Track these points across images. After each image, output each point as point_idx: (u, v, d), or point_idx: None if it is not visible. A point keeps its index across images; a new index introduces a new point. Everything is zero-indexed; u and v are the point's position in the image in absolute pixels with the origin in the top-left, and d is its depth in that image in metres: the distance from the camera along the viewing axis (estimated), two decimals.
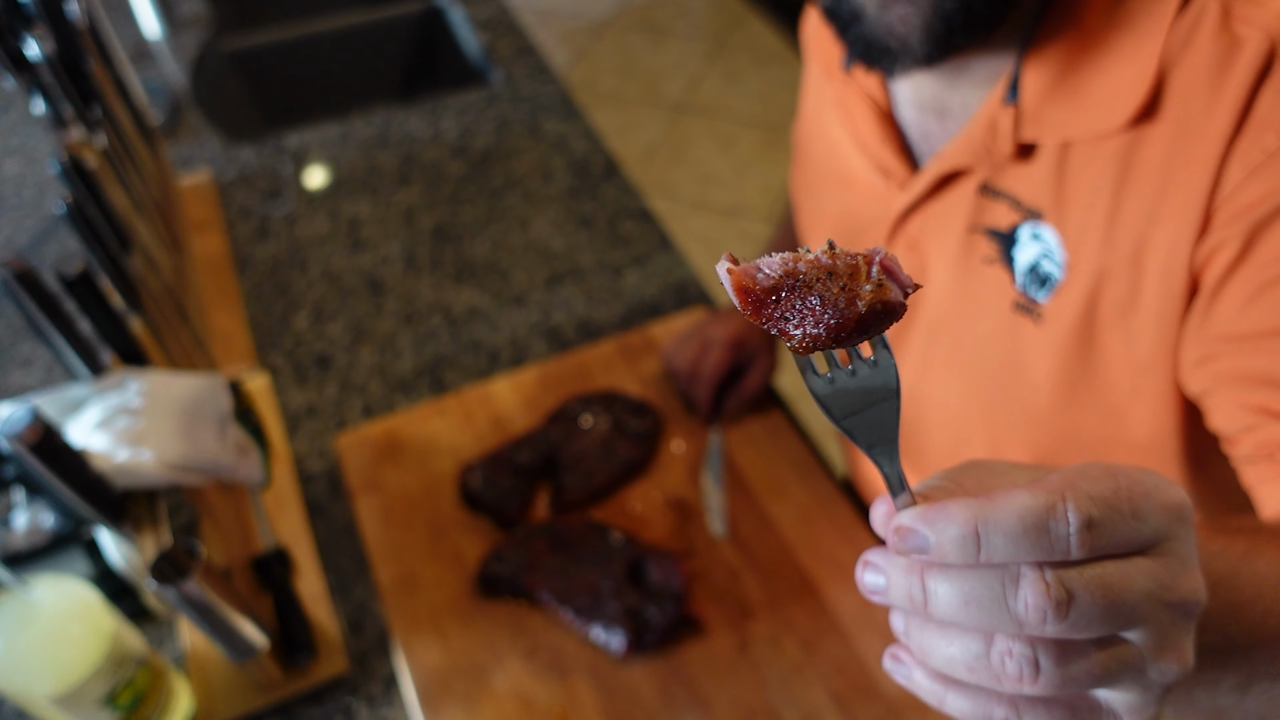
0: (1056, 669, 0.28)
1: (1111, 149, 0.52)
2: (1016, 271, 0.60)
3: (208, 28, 1.69)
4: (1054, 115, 0.54)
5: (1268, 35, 0.47)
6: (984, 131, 0.57)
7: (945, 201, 0.63)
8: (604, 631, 0.81)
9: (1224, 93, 0.48)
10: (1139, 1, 0.51)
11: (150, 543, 0.65)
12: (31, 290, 0.63)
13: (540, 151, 1.41)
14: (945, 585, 0.29)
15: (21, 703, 0.68)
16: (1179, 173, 0.50)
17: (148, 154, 1.13)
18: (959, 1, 0.49)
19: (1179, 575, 0.30)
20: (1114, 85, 0.51)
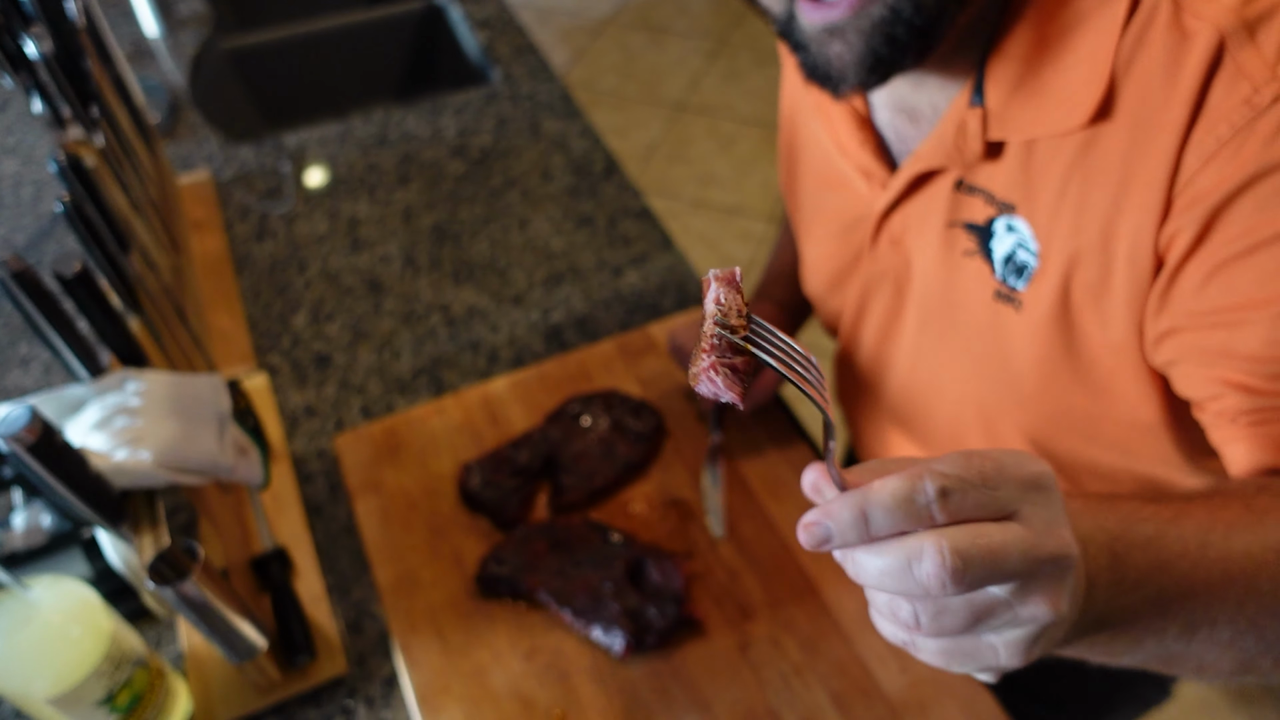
0: (933, 620, 0.36)
1: (1074, 143, 0.55)
2: (995, 262, 0.63)
3: (206, 27, 1.69)
4: (1018, 115, 0.56)
5: (1216, 28, 0.48)
6: (954, 133, 0.60)
7: (923, 199, 0.66)
8: (604, 632, 0.81)
9: (1178, 86, 0.50)
10: (1091, 5, 0.53)
11: (149, 543, 0.65)
12: (30, 290, 0.63)
13: (540, 151, 1.40)
14: (867, 559, 0.37)
15: (19, 704, 0.68)
16: (1139, 164, 0.52)
17: (146, 153, 1.13)
18: (884, 37, 0.53)
19: (1043, 535, 0.36)
20: (1071, 86, 0.54)
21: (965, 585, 0.34)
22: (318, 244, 1.27)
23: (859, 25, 0.53)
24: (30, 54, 0.84)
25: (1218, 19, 0.48)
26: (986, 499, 0.36)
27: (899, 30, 0.52)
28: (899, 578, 0.35)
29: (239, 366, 1.10)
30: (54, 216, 1.33)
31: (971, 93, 0.58)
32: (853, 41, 0.53)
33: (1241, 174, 0.48)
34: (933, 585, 0.34)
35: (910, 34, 0.52)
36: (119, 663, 0.70)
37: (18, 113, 1.54)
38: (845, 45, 0.53)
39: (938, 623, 0.36)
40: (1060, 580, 0.37)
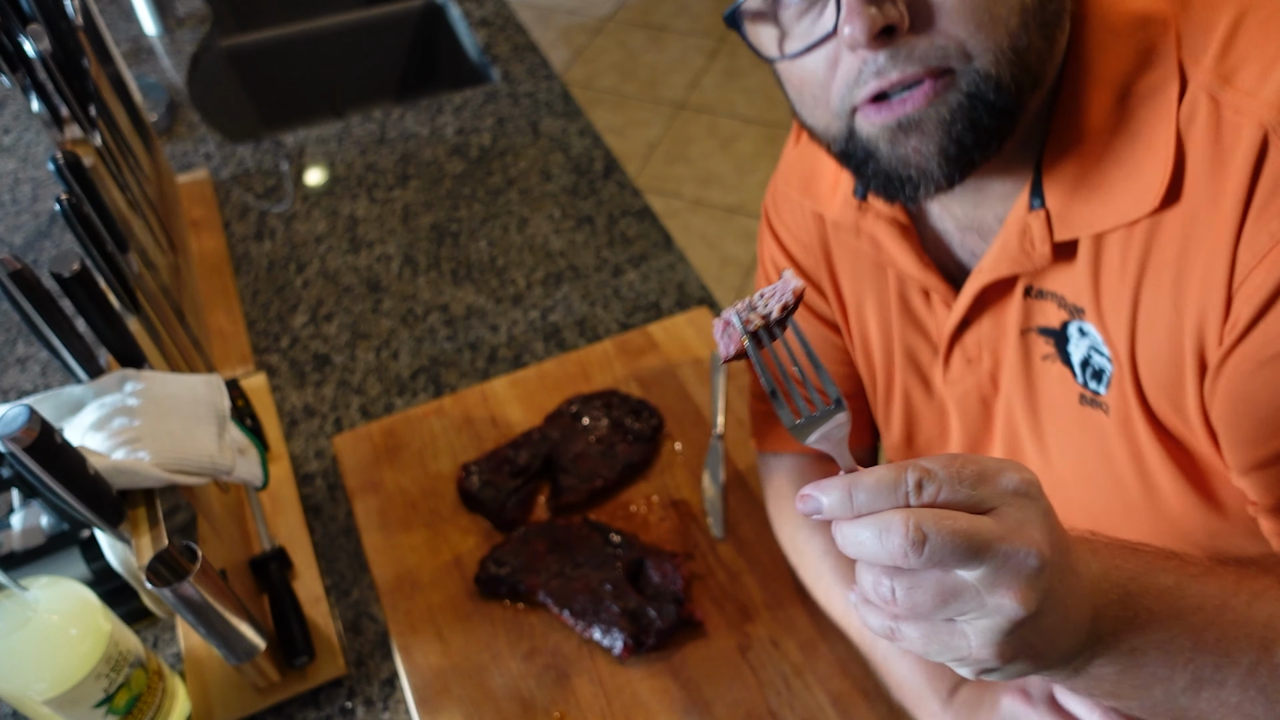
0: (906, 595, 0.39)
1: (1139, 237, 0.54)
2: (1074, 367, 0.61)
3: (205, 26, 1.68)
4: (1082, 211, 0.55)
5: (1259, 124, 0.48)
6: (1018, 239, 0.58)
7: (995, 311, 0.63)
8: (603, 633, 0.81)
9: (1227, 180, 0.49)
10: (1142, 95, 0.52)
11: (147, 544, 0.65)
12: (28, 290, 0.63)
13: (539, 150, 1.40)
14: (849, 529, 0.40)
15: (17, 705, 0.68)
16: (1195, 259, 0.51)
17: (144, 153, 1.13)
18: (968, 122, 0.51)
19: (1012, 530, 0.39)
20: (1136, 173, 0.52)
21: (927, 558, 0.38)
22: (316, 244, 1.27)
23: (937, 115, 0.50)
24: (28, 53, 0.84)
25: (1260, 114, 0.48)
26: (963, 495, 0.39)
27: (980, 114, 0.50)
28: (872, 546, 0.39)
29: (237, 366, 1.10)
30: (52, 216, 1.33)
31: (1030, 196, 0.57)
32: (931, 133, 0.51)
33: None
34: (897, 554, 0.38)
35: (992, 117, 0.50)
36: (117, 664, 0.69)
37: (15, 112, 1.54)
38: (923, 139, 0.51)
39: (910, 598, 0.39)
40: (1028, 578, 0.39)
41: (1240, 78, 0.49)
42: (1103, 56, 0.53)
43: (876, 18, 0.48)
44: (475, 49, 1.66)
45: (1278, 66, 0.48)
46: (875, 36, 0.48)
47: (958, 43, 0.49)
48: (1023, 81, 0.51)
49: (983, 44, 0.49)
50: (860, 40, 0.48)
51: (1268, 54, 0.49)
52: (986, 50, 0.49)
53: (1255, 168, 0.48)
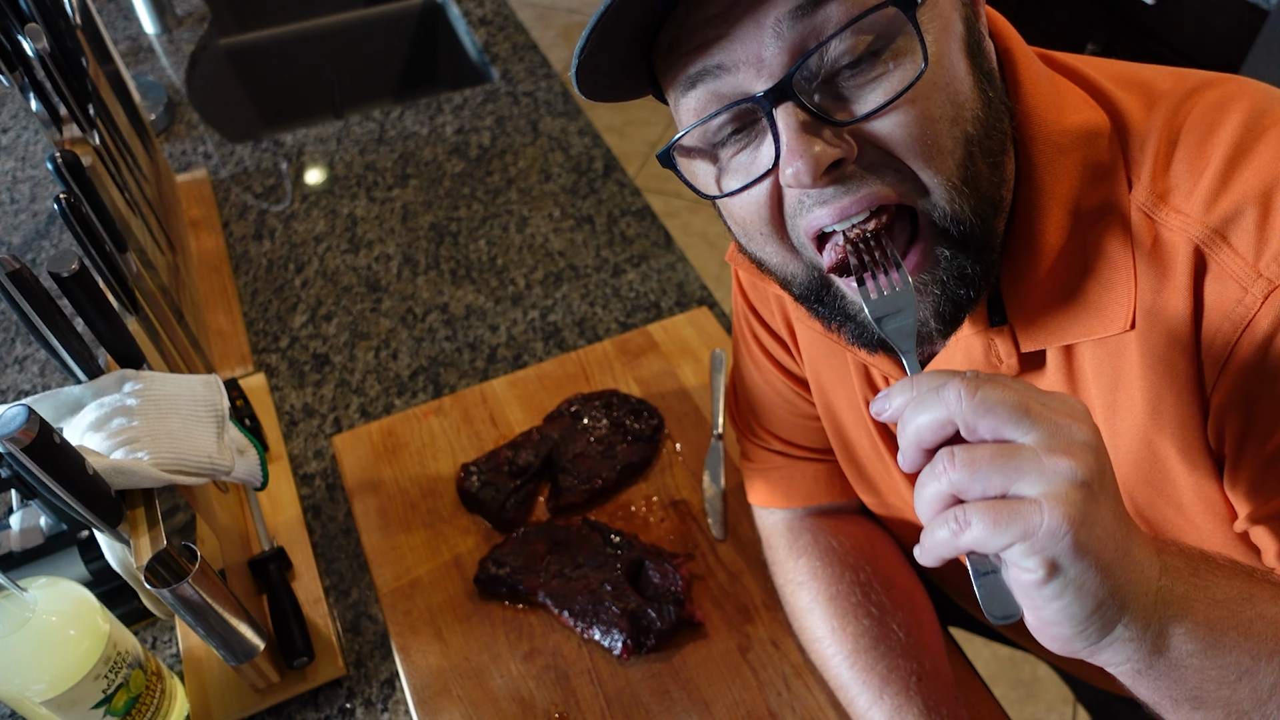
0: (965, 454, 0.40)
1: (1108, 344, 0.54)
2: None
3: (204, 25, 1.68)
4: (1048, 324, 0.55)
5: (1191, 240, 0.49)
6: (984, 354, 0.58)
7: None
8: (603, 634, 0.81)
9: (1173, 296, 0.50)
10: (1095, 212, 0.52)
11: (146, 544, 0.64)
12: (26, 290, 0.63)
13: (539, 149, 1.40)
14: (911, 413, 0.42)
15: (16, 706, 0.67)
16: (1163, 370, 0.52)
17: (143, 152, 1.13)
18: (960, 281, 0.51)
19: (1060, 412, 0.40)
20: (1102, 291, 0.53)
21: (979, 402, 0.39)
22: (316, 243, 1.26)
23: (926, 281, 0.50)
24: (27, 52, 0.84)
25: (1188, 230, 0.49)
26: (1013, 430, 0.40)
27: (963, 291, 0.51)
28: (931, 405, 0.41)
29: (236, 366, 1.10)
30: (50, 215, 1.33)
31: (988, 312, 0.57)
32: (929, 297, 0.51)
33: (1254, 376, 0.49)
34: (951, 399, 0.40)
35: (973, 281, 0.50)
36: (116, 664, 0.69)
37: (14, 111, 1.54)
38: (924, 300, 0.51)
39: (970, 455, 0.40)
40: (1081, 446, 0.40)
41: (1174, 197, 0.50)
42: (1051, 175, 0.52)
43: (822, 156, 0.45)
44: (475, 48, 1.66)
45: (1201, 182, 0.49)
46: (821, 174, 0.46)
47: (909, 174, 0.48)
48: (984, 211, 0.50)
49: (933, 176, 0.48)
50: (805, 181, 0.46)
51: (1195, 168, 0.50)
52: (938, 185, 0.48)
53: (1196, 283, 0.49)
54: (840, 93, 0.47)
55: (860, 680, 0.72)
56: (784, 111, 0.46)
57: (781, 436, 0.81)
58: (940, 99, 0.47)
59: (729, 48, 0.46)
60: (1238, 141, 0.49)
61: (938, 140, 0.47)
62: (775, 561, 0.82)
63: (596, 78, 0.51)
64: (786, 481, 0.81)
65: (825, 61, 0.46)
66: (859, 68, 0.46)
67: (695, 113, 0.49)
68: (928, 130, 0.46)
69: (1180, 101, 0.52)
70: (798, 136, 0.45)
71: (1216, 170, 0.49)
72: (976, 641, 0.97)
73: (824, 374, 0.73)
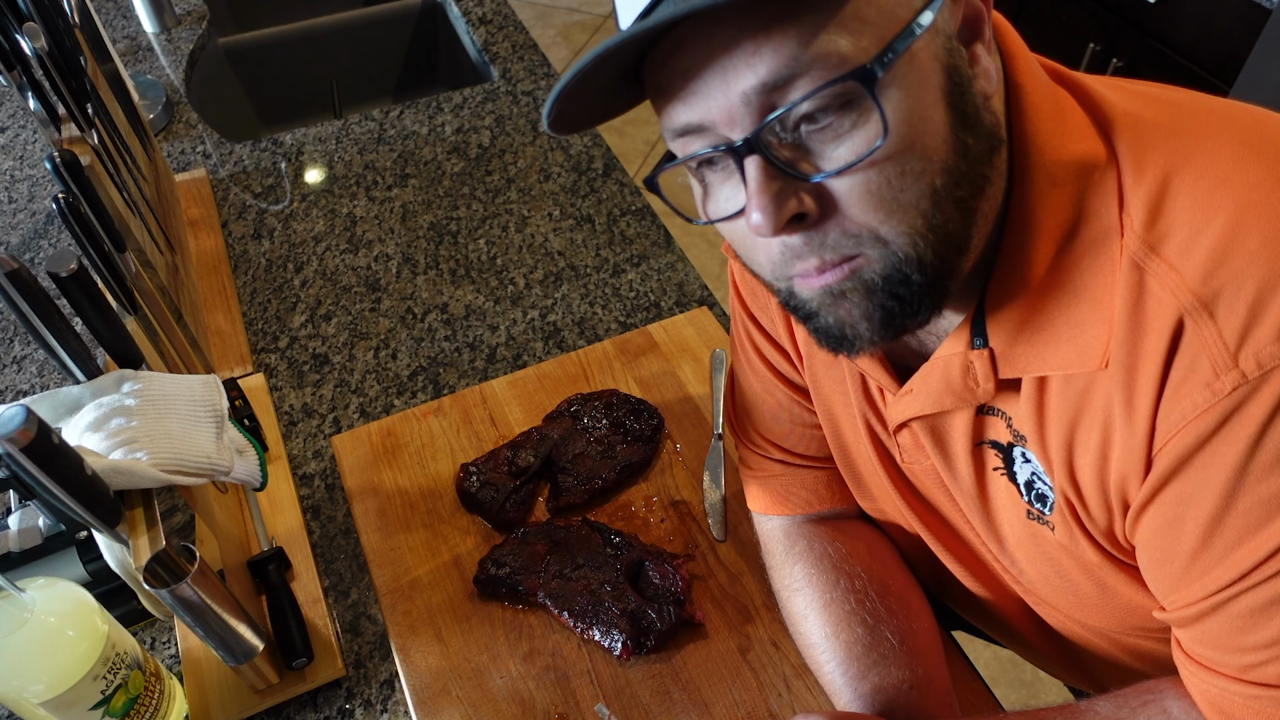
0: None
1: (1075, 382, 0.54)
2: (1020, 486, 0.61)
3: (203, 24, 1.68)
4: (1026, 353, 0.55)
5: (1177, 308, 0.48)
6: (961, 375, 0.58)
7: (937, 420, 0.64)
8: (603, 634, 0.81)
9: (1145, 354, 0.49)
10: (1083, 248, 0.52)
11: (145, 545, 0.64)
12: (25, 290, 0.62)
13: (538, 149, 1.40)
14: None
15: (14, 707, 0.67)
16: (1123, 417, 0.52)
17: (142, 152, 1.13)
18: (889, 294, 0.51)
19: None
20: (1080, 329, 0.52)
21: None
22: (315, 243, 1.26)
23: (858, 286, 0.51)
24: (25, 51, 0.84)
25: (1179, 295, 0.47)
26: None
27: (903, 290, 0.50)
28: None
29: (235, 366, 1.09)
30: (49, 215, 1.33)
31: (971, 335, 0.57)
32: (858, 301, 0.51)
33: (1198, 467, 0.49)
34: None
35: (914, 291, 0.50)
36: (114, 665, 0.69)
37: (12, 110, 1.53)
38: (852, 305, 0.52)
39: None
40: None
41: (1167, 248, 0.48)
42: (1042, 207, 0.52)
43: (782, 212, 0.47)
44: (474, 47, 1.66)
45: (1201, 240, 0.47)
46: (782, 227, 0.48)
47: (871, 230, 0.48)
48: (946, 254, 0.50)
49: (895, 229, 0.48)
50: (765, 232, 0.48)
51: (1195, 222, 0.47)
52: (901, 234, 0.49)
53: (1170, 348, 0.48)
54: (807, 147, 0.48)
55: (853, 688, 0.72)
56: (751, 163, 0.48)
57: (780, 445, 0.81)
58: (904, 157, 0.47)
59: (703, 105, 0.48)
60: (1245, 206, 0.47)
61: (899, 197, 0.48)
62: (772, 567, 0.82)
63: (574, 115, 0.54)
64: (785, 490, 0.81)
65: (792, 119, 0.47)
66: (826, 126, 0.47)
67: (677, 148, 0.52)
68: (887, 190, 0.47)
69: (1179, 135, 0.50)
70: (761, 190, 0.47)
71: (1219, 235, 0.47)
72: (977, 643, 0.97)
73: (823, 380, 0.73)
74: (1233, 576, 0.49)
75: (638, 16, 0.48)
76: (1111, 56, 2.02)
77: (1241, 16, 1.73)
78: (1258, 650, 0.49)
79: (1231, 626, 0.50)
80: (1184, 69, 1.88)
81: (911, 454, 0.68)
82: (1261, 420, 0.45)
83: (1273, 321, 0.45)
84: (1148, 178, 0.50)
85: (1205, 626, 0.52)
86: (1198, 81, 1.85)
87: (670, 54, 0.48)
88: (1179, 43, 1.89)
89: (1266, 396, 0.45)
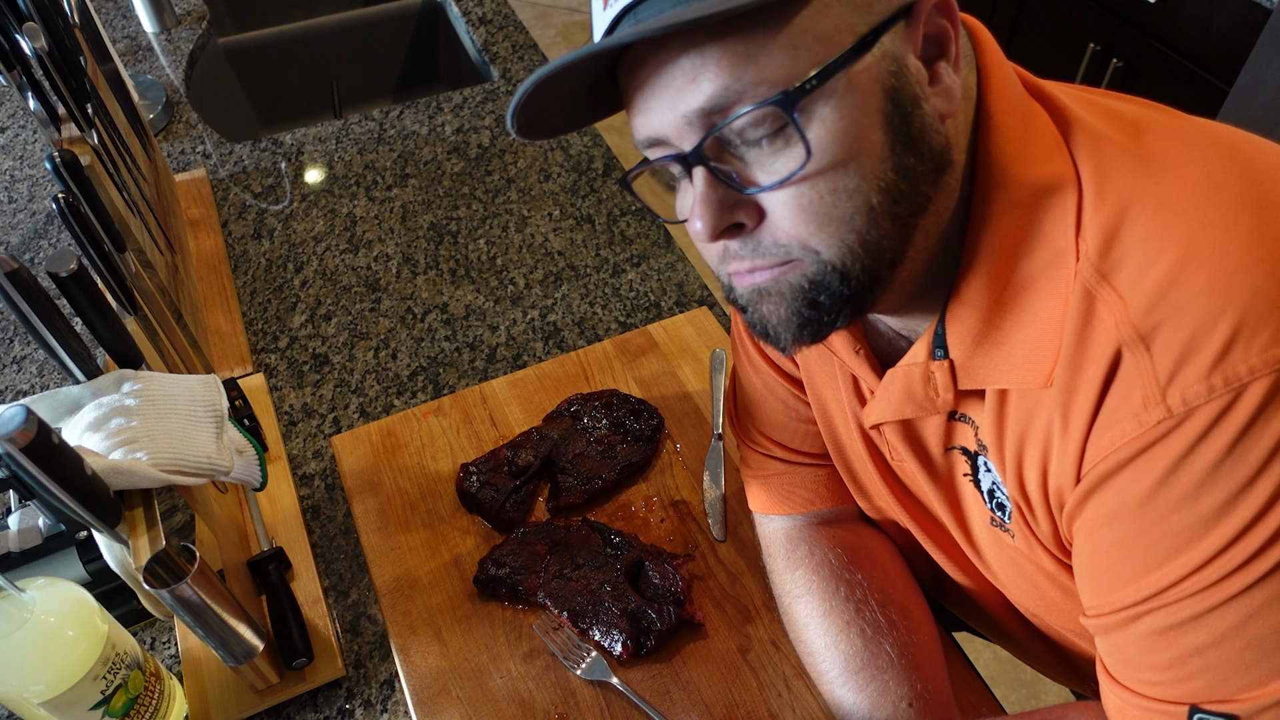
0: None
1: (1028, 396, 0.55)
2: (983, 493, 0.63)
3: (203, 24, 1.68)
4: (985, 365, 0.56)
5: (1116, 341, 0.48)
6: (922, 385, 0.59)
7: (911, 425, 0.65)
8: (603, 634, 0.81)
9: (1084, 379, 0.50)
10: (1038, 269, 0.52)
11: (145, 545, 0.64)
12: (24, 290, 0.62)
13: (538, 149, 1.40)
14: None
15: (14, 707, 0.67)
16: (1057, 436, 0.53)
17: (142, 152, 1.13)
18: (806, 301, 0.53)
19: None
20: (1034, 346, 0.53)
21: None
22: (315, 243, 1.26)
23: (780, 289, 0.53)
24: (25, 51, 0.84)
25: (1120, 326, 0.48)
26: None
27: (822, 297, 0.52)
28: None
29: (235, 366, 1.09)
30: (49, 215, 1.33)
31: (933, 345, 0.58)
32: (778, 303, 0.53)
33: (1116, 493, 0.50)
34: None
35: (834, 300, 0.52)
36: (114, 665, 0.69)
37: (12, 110, 1.53)
38: (773, 306, 0.54)
39: None
40: None
41: (1117, 277, 0.48)
42: (1001, 227, 0.53)
43: (719, 220, 0.51)
44: (474, 47, 1.66)
45: (1150, 273, 0.47)
46: (719, 234, 0.51)
47: (801, 241, 0.51)
48: (877, 269, 0.52)
49: (826, 242, 0.50)
50: (703, 239, 0.51)
51: (1146, 255, 0.47)
52: (831, 247, 0.50)
53: (1108, 376, 0.49)
54: (747, 161, 0.51)
55: (851, 700, 0.72)
56: (698, 174, 0.51)
57: (781, 442, 0.81)
58: (836, 175, 0.49)
59: (656, 119, 0.51)
60: (1197, 243, 0.47)
61: (830, 213, 0.50)
62: (773, 571, 0.82)
63: (549, 122, 0.58)
64: (787, 488, 0.81)
65: (730, 135, 0.50)
66: (760, 145, 0.49)
67: (647, 154, 0.55)
68: (819, 205, 0.49)
69: (1146, 163, 0.50)
70: (702, 200, 0.51)
71: (1166, 270, 0.47)
72: (977, 642, 0.97)
73: (817, 376, 0.74)
74: (1140, 597, 0.50)
75: (604, 34, 0.52)
76: (1111, 56, 2.02)
77: (1241, 16, 1.73)
78: (1158, 670, 0.51)
79: (1136, 646, 0.52)
80: (1184, 69, 1.88)
81: (899, 452, 0.68)
82: (1178, 455, 0.46)
83: (1203, 361, 0.45)
84: (1107, 204, 0.50)
85: (1114, 640, 0.53)
86: (1198, 81, 1.85)
87: (629, 70, 0.51)
88: (1179, 43, 1.88)
89: (1186, 433, 0.46)
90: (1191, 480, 0.46)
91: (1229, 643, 0.47)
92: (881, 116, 0.49)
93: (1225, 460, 0.45)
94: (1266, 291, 0.44)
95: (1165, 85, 1.93)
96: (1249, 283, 0.45)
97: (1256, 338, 0.44)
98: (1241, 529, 0.45)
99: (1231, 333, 0.44)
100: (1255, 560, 0.45)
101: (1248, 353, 0.44)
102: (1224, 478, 0.45)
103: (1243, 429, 0.44)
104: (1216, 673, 0.48)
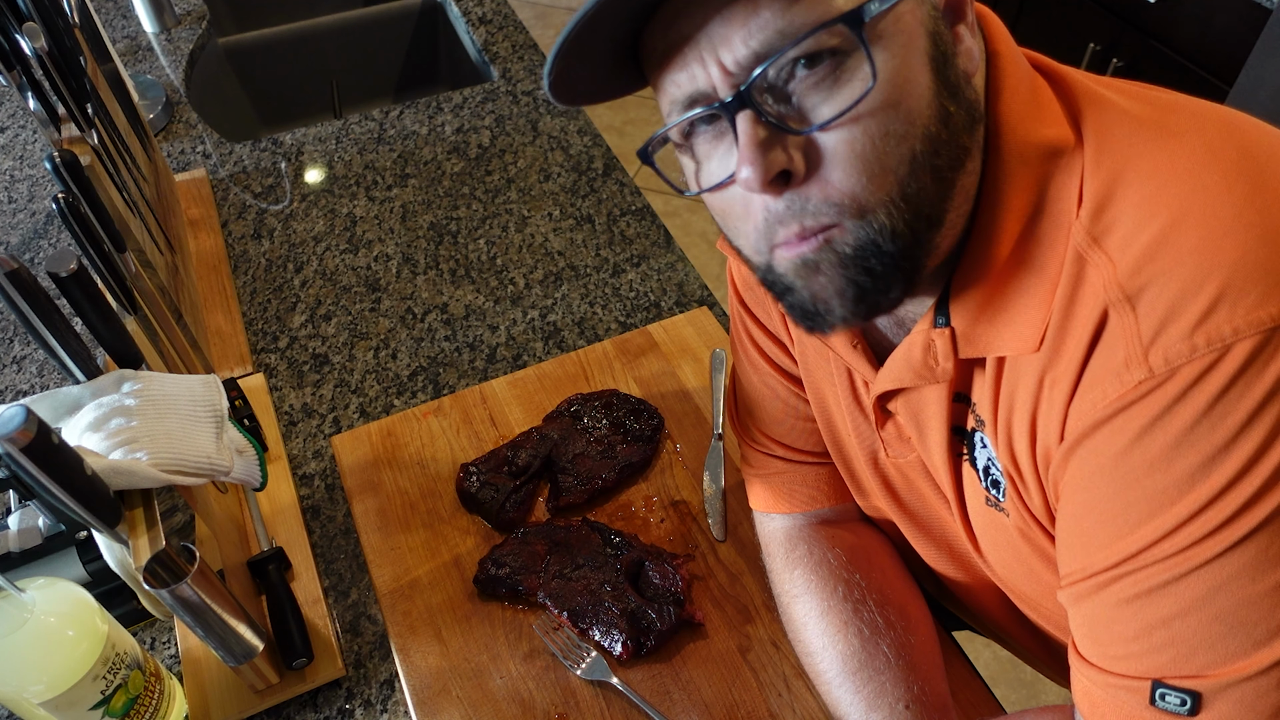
0: None
1: (1022, 364, 0.54)
2: (979, 472, 0.62)
3: (203, 24, 1.68)
4: (985, 333, 0.56)
5: (1103, 302, 0.48)
6: (922, 353, 0.59)
7: (915, 405, 0.64)
8: (603, 634, 0.81)
9: (1070, 342, 0.50)
10: (1045, 231, 0.52)
11: (145, 545, 0.64)
12: (24, 290, 0.62)
13: (538, 149, 1.40)
14: None
15: (13, 707, 0.67)
16: (1045, 402, 0.53)
17: (142, 152, 1.13)
18: (861, 268, 0.51)
19: None
20: (1031, 309, 0.53)
21: None
22: (315, 243, 1.26)
23: (830, 259, 0.51)
24: (25, 51, 0.84)
25: (1108, 288, 0.48)
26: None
27: (873, 261, 0.51)
28: None
29: (235, 366, 1.09)
30: (49, 215, 1.33)
31: (935, 314, 0.57)
32: (830, 274, 0.52)
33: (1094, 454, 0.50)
34: None
35: (886, 266, 0.51)
36: (114, 665, 0.69)
37: (12, 110, 1.53)
38: (824, 279, 0.52)
39: None
40: None
41: (1109, 240, 0.48)
42: (1011, 188, 0.53)
43: (770, 164, 0.49)
44: (474, 47, 1.66)
45: (1140, 235, 0.47)
46: (769, 182, 0.49)
47: (852, 196, 0.49)
48: (917, 226, 0.51)
49: (874, 195, 0.49)
50: (754, 186, 0.49)
51: (1139, 217, 0.47)
52: (880, 203, 0.49)
53: (1094, 337, 0.49)
54: (797, 103, 0.49)
55: (848, 701, 0.72)
56: (743, 118, 0.49)
57: (782, 441, 0.81)
58: (888, 116, 0.48)
59: (700, 70, 0.49)
60: (1191, 207, 0.47)
61: (881, 160, 0.49)
62: (772, 570, 0.82)
63: (576, 86, 0.56)
64: (788, 487, 0.81)
65: (782, 72, 0.48)
66: (814, 79, 0.48)
67: (673, 115, 0.53)
68: (870, 150, 0.48)
69: (1146, 129, 0.51)
70: (750, 144, 0.49)
71: (1157, 232, 0.47)
72: (977, 641, 0.97)
73: (816, 372, 0.74)
74: (1111, 562, 0.49)
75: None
76: (1111, 56, 2.02)
77: (1241, 16, 1.73)
78: (1124, 642, 0.50)
79: (1105, 615, 0.51)
80: (1184, 69, 1.88)
81: (896, 448, 0.68)
82: (1156, 414, 0.46)
83: (1187, 320, 0.45)
84: (1104, 168, 0.50)
85: (1084, 610, 0.53)
86: (1198, 81, 1.85)
87: (669, 23, 0.50)
88: (1179, 43, 1.88)
89: (1166, 393, 0.45)
90: (1168, 440, 0.46)
91: (1195, 614, 0.47)
92: (928, 59, 0.49)
93: (1203, 420, 0.44)
94: (1256, 254, 0.44)
95: (1165, 85, 1.93)
96: (1238, 246, 0.44)
97: (1243, 299, 0.44)
98: (1216, 493, 0.45)
99: (1217, 293, 0.44)
100: (1226, 527, 0.45)
101: (1233, 313, 0.44)
102: (1201, 439, 0.45)
103: (1223, 389, 0.44)
104: (1181, 646, 0.47)
